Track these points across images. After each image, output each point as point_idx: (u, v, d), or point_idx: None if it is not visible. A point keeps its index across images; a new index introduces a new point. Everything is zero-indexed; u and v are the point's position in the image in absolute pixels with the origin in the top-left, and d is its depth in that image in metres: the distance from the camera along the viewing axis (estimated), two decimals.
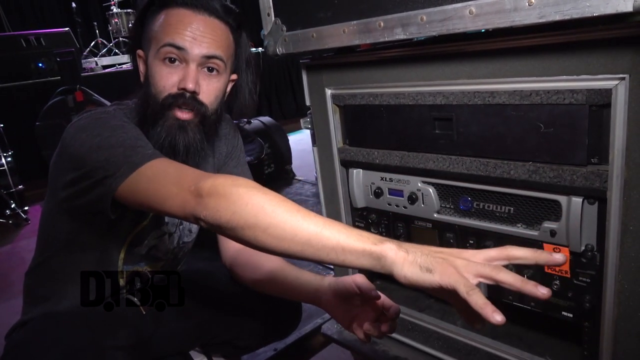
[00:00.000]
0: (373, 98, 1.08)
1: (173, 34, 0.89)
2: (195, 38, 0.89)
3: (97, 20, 5.39)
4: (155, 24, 0.92)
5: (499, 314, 0.58)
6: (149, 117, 0.92)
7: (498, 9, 0.75)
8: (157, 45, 0.90)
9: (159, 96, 0.90)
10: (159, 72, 0.90)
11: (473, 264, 0.61)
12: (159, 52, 0.90)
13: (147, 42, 0.93)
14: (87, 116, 0.89)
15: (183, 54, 0.89)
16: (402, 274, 0.61)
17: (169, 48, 0.89)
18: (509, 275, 0.60)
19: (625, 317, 0.80)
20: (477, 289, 0.59)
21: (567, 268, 0.87)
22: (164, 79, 0.90)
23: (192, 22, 0.90)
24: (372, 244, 0.63)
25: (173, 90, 0.90)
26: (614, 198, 0.76)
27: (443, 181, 1.02)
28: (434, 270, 0.60)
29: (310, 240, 0.64)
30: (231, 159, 1.14)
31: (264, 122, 3.56)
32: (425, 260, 0.61)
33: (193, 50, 0.89)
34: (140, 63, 0.96)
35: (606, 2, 0.64)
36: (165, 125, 0.91)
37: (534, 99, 0.82)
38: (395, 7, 0.89)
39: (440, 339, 1.12)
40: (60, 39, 4.27)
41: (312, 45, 1.06)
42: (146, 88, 0.92)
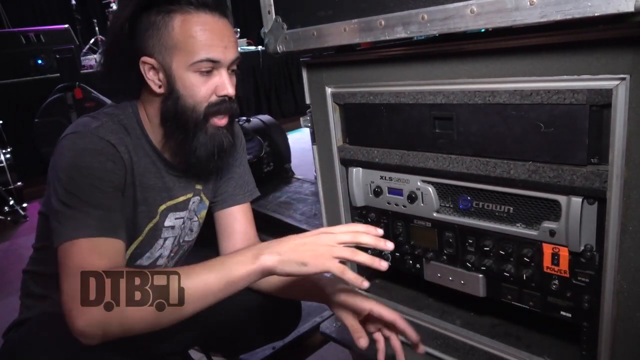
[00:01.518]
0: (373, 97, 1.08)
1: (209, 48, 0.89)
2: (226, 46, 0.91)
3: (96, 17, 5.37)
4: (172, 31, 0.88)
5: (367, 282, 0.78)
6: (188, 128, 0.92)
7: (499, 8, 0.75)
8: (189, 58, 0.88)
9: (200, 106, 0.91)
10: (195, 84, 0.90)
11: (335, 249, 0.77)
12: (194, 66, 0.89)
13: (165, 51, 0.89)
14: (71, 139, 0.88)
15: (217, 64, 0.91)
16: (284, 272, 0.77)
17: (207, 63, 0.89)
18: (362, 256, 0.78)
19: (624, 318, 0.80)
20: (346, 268, 0.77)
21: (567, 268, 0.87)
22: (203, 90, 0.91)
23: (217, 29, 0.90)
24: (251, 264, 0.76)
25: (213, 99, 0.92)
26: (614, 198, 0.76)
27: (443, 180, 1.02)
28: (307, 263, 0.75)
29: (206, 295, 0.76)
30: (234, 159, 1.14)
31: (263, 120, 3.56)
32: (297, 257, 0.75)
33: (226, 58, 0.92)
34: (146, 70, 0.91)
35: (607, 2, 0.64)
36: (208, 135, 0.93)
37: (535, 98, 0.82)
38: (396, 6, 0.89)
39: (439, 338, 1.12)
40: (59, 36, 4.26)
41: (312, 43, 1.05)
42: (177, 99, 0.91)
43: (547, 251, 0.89)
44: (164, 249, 1.03)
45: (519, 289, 0.95)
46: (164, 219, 1.01)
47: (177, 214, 1.03)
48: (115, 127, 0.92)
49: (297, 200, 3.01)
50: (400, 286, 1.31)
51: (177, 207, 1.02)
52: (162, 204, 0.99)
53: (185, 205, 1.04)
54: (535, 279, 0.92)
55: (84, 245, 0.80)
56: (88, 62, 4.64)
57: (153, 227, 0.99)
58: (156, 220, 0.98)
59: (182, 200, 1.03)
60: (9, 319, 1.05)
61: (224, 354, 1.22)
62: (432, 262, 1.09)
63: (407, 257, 1.16)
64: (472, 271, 1.02)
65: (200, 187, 1.07)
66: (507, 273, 0.95)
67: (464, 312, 1.16)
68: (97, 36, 5.14)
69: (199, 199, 1.07)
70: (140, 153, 0.95)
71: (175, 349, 1.13)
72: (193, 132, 0.92)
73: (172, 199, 1.01)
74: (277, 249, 0.77)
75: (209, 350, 1.24)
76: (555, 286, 0.89)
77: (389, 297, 1.26)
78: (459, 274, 1.04)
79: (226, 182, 1.12)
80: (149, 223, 0.98)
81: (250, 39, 5.95)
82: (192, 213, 1.07)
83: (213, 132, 0.93)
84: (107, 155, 0.88)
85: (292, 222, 2.57)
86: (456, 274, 1.05)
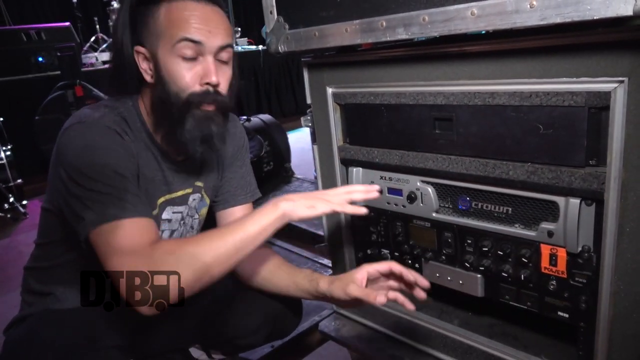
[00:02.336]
0: (374, 97, 1.08)
1: (187, 28, 0.87)
2: (210, 30, 0.88)
3: (97, 15, 5.37)
4: (158, 18, 0.89)
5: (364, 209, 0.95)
6: (173, 114, 0.91)
7: (500, 11, 0.76)
8: (170, 41, 0.88)
9: (183, 93, 0.89)
10: (178, 70, 0.89)
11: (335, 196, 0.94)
12: (174, 48, 0.88)
13: (152, 39, 0.90)
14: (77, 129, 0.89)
15: (200, 47, 0.88)
16: (297, 216, 0.90)
17: (185, 43, 0.87)
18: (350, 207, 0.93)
19: (621, 318, 0.81)
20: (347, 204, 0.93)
21: (564, 269, 0.88)
22: (185, 75, 0.89)
23: (202, 14, 0.88)
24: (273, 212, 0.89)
25: (196, 88, 0.90)
26: (612, 200, 0.77)
27: (442, 181, 1.03)
28: (315, 205, 0.90)
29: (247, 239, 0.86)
30: (237, 159, 1.14)
31: (263, 119, 3.56)
32: (306, 202, 0.90)
33: (209, 42, 0.88)
34: (140, 60, 0.92)
35: (607, 5, 0.65)
36: (194, 119, 0.91)
37: (534, 100, 0.82)
38: (398, 7, 0.89)
39: (437, 337, 1.12)
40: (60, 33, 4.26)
41: (314, 43, 1.06)
42: (163, 86, 0.90)
43: (545, 252, 0.90)
44: None
45: (517, 289, 0.96)
46: (162, 211, 1.01)
47: (175, 208, 1.03)
48: (118, 121, 0.92)
49: None
50: None
51: (175, 202, 1.02)
52: (161, 196, 1.00)
53: (184, 200, 1.04)
54: (533, 280, 0.93)
55: (128, 225, 0.82)
56: (89, 60, 4.64)
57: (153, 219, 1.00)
58: (155, 212, 0.99)
59: (180, 195, 1.03)
60: (9, 315, 1.05)
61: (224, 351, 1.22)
62: (431, 262, 1.10)
63: (406, 257, 1.16)
64: (470, 271, 1.02)
65: (201, 185, 1.07)
66: (506, 273, 0.96)
67: (462, 312, 1.17)
68: (98, 34, 5.14)
69: (200, 196, 1.08)
70: (141, 145, 0.95)
71: (176, 346, 1.14)
72: (178, 118, 0.91)
73: (170, 192, 1.01)
74: (289, 198, 0.91)
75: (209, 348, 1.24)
76: (553, 287, 0.90)
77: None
78: (457, 274, 1.05)
79: (228, 181, 1.13)
80: None
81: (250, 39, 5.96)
82: (192, 210, 1.08)
83: (200, 117, 0.91)
84: (118, 143, 0.89)
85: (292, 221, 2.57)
86: (455, 274, 1.06)
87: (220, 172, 1.12)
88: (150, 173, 0.97)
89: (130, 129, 0.94)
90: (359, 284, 0.94)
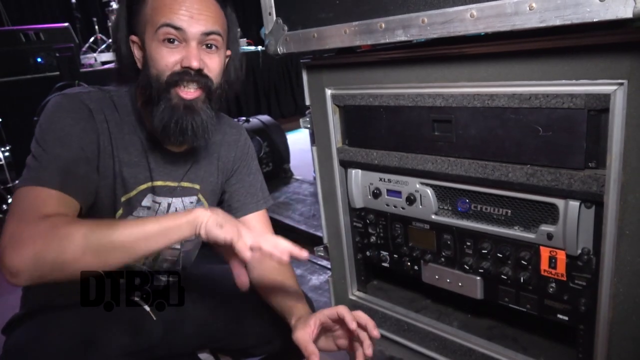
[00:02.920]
0: (373, 99, 1.08)
1: (169, 14, 0.88)
2: (192, 16, 0.88)
3: (96, 16, 5.37)
4: (147, 7, 0.91)
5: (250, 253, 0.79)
6: (153, 98, 0.91)
7: (499, 13, 0.76)
8: (153, 27, 0.89)
9: (162, 75, 0.89)
10: (159, 53, 0.89)
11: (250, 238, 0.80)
12: (156, 34, 0.88)
13: (141, 27, 0.92)
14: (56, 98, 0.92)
15: (182, 33, 0.88)
16: (206, 231, 0.80)
17: (166, 29, 0.88)
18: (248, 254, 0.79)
19: (620, 321, 0.81)
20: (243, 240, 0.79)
21: (564, 271, 0.88)
22: (165, 58, 0.89)
23: (188, 1, 0.89)
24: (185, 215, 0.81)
25: (176, 68, 0.89)
26: (611, 202, 0.77)
27: (441, 183, 1.03)
28: (223, 226, 0.80)
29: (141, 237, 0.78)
30: (242, 167, 1.13)
31: (262, 120, 3.56)
32: (220, 220, 0.80)
33: (191, 28, 0.88)
34: (135, 49, 0.95)
35: (606, 8, 0.64)
36: (170, 105, 0.90)
37: (533, 102, 0.82)
38: (397, 9, 0.89)
39: (436, 339, 1.12)
40: (59, 34, 4.25)
41: (313, 45, 1.06)
42: (146, 70, 0.91)
43: (544, 254, 0.89)
44: None
45: (516, 291, 0.96)
46: (142, 198, 1.00)
47: (157, 198, 1.02)
48: (102, 98, 0.94)
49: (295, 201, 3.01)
50: (398, 287, 1.32)
51: (157, 191, 1.01)
52: (143, 183, 0.99)
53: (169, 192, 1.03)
54: (532, 282, 0.92)
55: (43, 194, 0.82)
56: (87, 61, 4.63)
57: (126, 201, 0.99)
58: (131, 195, 0.98)
59: (163, 185, 1.02)
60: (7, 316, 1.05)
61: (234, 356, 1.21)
62: (430, 264, 1.10)
63: (405, 259, 1.16)
64: (470, 273, 1.02)
65: (198, 187, 1.07)
66: (505, 276, 0.95)
67: (462, 314, 1.17)
68: (97, 35, 5.14)
69: (197, 199, 1.07)
70: (127, 129, 0.96)
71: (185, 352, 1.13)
72: (157, 100, 0.91)
73: (153, 180, 1.00)
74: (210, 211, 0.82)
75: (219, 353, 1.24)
76: (552, 289, 0.90)
77: (387, 299, 1.27)
78: (456, 276, 1.05)
79: (236, 190, 1.12)
80: (122, 196, 0.98)
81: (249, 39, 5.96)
82: None
83: (176, 103, 0.90)
84: (82, 117, 0.90)
85: (291, 222, 2.57)
86: (454, 276, 1.05)
87: (221, 178, 1.11)
88: (132, 157, 0.96)
89: (117, 111, 0.95)
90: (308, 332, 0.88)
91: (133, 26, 0.94)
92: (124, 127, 0.95)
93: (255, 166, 1.17)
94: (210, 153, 1.08)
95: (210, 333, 1.11)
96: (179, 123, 0.90)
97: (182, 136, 0.91)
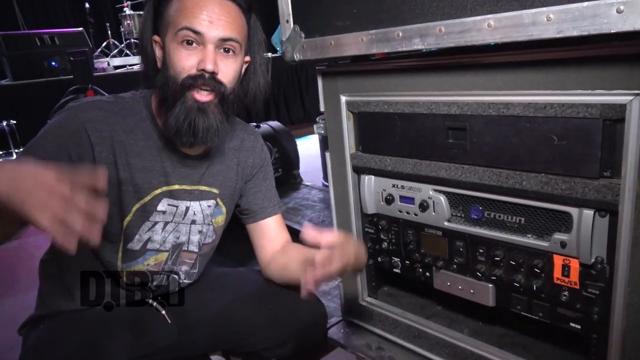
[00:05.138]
0: (387, 106, 1.09)
1: (190, 18, 0.91)
2: (212, 21, 0.92)
3: (109, 21, 5.44)
4: (171, 9, 0.94)
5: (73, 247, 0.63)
6: (168, 98, 0.94)
7: (516, 23, 0.77)
8: (174, 29, 0.92)
9: (179, 77, 0.92)
10: (177, 55, 0.92)
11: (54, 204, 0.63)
12: (176, 36, 0.92)
13: (164, 28, 0.95)
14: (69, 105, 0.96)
15: (200, 37, 0.92)
16: None
17: (185, 32, 0.91)
18: None
19: (634, 330, 0.81)
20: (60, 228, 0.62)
21: (577, 279, 0.88)
22: (183, 60, 0.92)
23: (208, 5, 0.92)
24: None
25: (192, 72, 0.92)
26: (626, 211, 0.77)
27: (455, 190, 1.04)
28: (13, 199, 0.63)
29: None
30: (260, 172, 1.15)
31: (272, 126, 3.58)
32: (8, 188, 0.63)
33: (210, 33, 0.92)
34: (156, 48, 0.98)
35: (624, 19, 0.65)
36: (184, 106, 0.93)
37: (549, 111, 0.83)
38: (415, 18, 0.91)
39: (447, 346, 1.12)
40: (73, 38, 4.32)
41: (330, 52, 1.08)
42: (164, 71, 0.94)
43: (557, 262, 0.90)
44: (152, 232, 1.03)
45: (528, 299, 0.96)
46: (157, 202, 1.01)
47: (172, 201, 1.03)
48: (110, 107, 0.96)
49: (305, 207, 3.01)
50: (409, 294, 1.32)
51: (174, 195, 1.03)
52: (157, 187, 1.00)
53: (186, 195, 1.04)
54: (545, 290, 0.93)
55: None
56: (100, 65, 4.69)
57: (141, 207, 1.00)
58: (145, 200, 0.99)
59: (177, 189, 1.03)
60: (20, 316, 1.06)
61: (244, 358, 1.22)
62: (442, 271, 1.10)
63: (417, 265, 1.17)
64: (482, 281, 1.03)
65: (217, 192, 1.08)
66: (517, 283, 0.96)
67: (473, 321, 1.17)
68: (110, 39, 5.21)
69: (215, 202, 1.09)
70: (141, 134, 0.98)
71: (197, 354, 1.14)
72: (172, 101, 0.93)
73: (169, 184, 1.02)
74: None
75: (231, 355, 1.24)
76: (565, 297, 0.90)
77: (398, 305, 1.27)
78: (468, 283, 1.05)
79: (253, 194, 1.14)
80: (136, 203, 0.99)
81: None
82: (207, 217, 1.08)
83: (190, 106, 0.93)
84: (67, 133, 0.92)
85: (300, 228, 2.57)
86: (466, 283, 1.06)
87: (240, 183, 1.13)
88: (146, 162, 0.98)
89: (131, 116, 0.98)
90: None
91: (157, 27, 0.97)
92: (138, 133, 0.97)
93: (271, 172, 1.19)
94: (229, 158, 1.10)
95: (223, 336, 1.12)
96: (191, 124, 0.93)
97: (194, 137, 0.93)
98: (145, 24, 0.98)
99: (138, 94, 1.02)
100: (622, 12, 0.65)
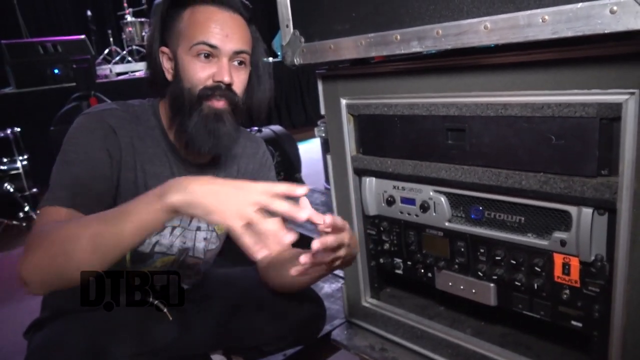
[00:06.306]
0: (387, 108, 1.10)
1: (205, 33, 0.94)
2: (227, 35, 0.95)
3: (111, 28, 5.48)
4: (182, 21, 0.97)
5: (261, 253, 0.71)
6: (184, 109, 0.97)
7: (512, 25, 0.78)
8: (188, 43, 0.95)
9: (195, 89, 0.96)
10: (193, 67, 0.95)
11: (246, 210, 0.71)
12: (191, 50, 0.95)
13: (175, 39, 0.98)
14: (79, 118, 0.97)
15: (216, 50, 0.95)
16: (189, 214, 0.74)
17: (202, 46, 0.94)
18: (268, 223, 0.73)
19: (634, 327, 0.82)
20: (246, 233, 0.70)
21: (577, 278, 0.89)
22: (199, 72, 0.95)
23: (221, 19, 0.96)
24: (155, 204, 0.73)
25: (208, 83, 0.96)
26: (624, 209, 0.78)
27: (455, 190, 1.05)
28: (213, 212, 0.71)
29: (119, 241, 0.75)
30: (260, 178, 1.16)
31: (274, 130, 3.60)
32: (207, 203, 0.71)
33: (225, 47, 0.95)
34: (164, 59, 1.00)
35: (617, 19, 0.66)
36: (202, 115, 0.96)
37: (546, 111, 0.84)
38: (412, 21, 0.92)
39: (450, 346, 1.13)
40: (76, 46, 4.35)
41: (329, 56, 1.09)
42: (178, 83, 0.97)
43: (557, 261, 0.91)
44: (160, 236, 1.05)
45: (529, 298, 0.97)
46: None
47: None
48: (125, 114, 0.99)
49: None
50: (411, 295, 1.33)
51: None
52: None
53: None
54: (546, 289, 0.93)
55: (52, 211, 0.87)
56: (103, 72, 4.73)
57: None
58: None
59: None
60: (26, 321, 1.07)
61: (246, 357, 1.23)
62: (443, 271, 1.11)
63: (418, 266, 1.17)
64: (483, 280, 1.03)
65: None
66: (518, 282, 0.96)
67: (475, 320, 1.17)
68: (112, 47, 5.24)
69: None
70: (150, 142, 1.00)
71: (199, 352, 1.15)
72: (189, 112, 0.96)
73: None
74: (188, 187, 0.73)
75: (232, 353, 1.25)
76: (566, 296, 0.91)
77: (400, 306, 1.28)
78: (470, 282, 1.06)
79: None
80: None
81: None
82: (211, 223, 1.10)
83: (207, 113, 0.96)
84: (102, 135, 0.94)
85: (303, 231, 2.58)
86: (467, 283, 1.07)
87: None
88: (156, 168, 1.01)
89: (141, 124, 1.00)
90: None
91: (165, 38, 0.99)
92: (148, 140, 0.99)
93: (273, 178, 1.20)
94: (229, 165, 1.12)
95: (225, 332, 1.13)
96: (211, 130, 0.96)
97: (216, 140, 0.97)
98: (154, 35, 1.01)
99: (146, 102, 1.05)
100: (615, 12, 0.67)
